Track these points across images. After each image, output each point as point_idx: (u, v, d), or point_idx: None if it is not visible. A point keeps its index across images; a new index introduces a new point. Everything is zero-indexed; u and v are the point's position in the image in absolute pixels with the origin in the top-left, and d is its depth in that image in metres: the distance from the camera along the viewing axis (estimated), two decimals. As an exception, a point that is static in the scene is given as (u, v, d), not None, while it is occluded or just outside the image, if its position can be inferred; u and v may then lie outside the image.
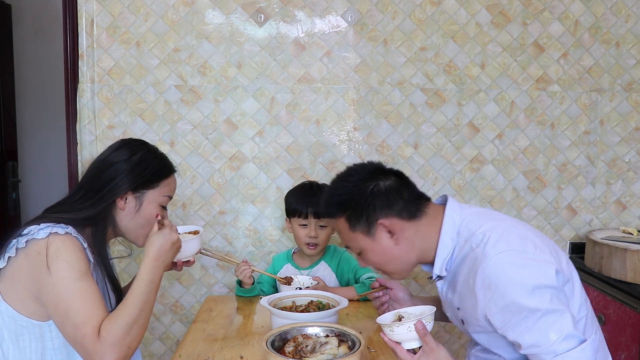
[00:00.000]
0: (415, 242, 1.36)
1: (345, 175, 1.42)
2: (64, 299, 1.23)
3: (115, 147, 1.46)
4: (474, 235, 1.30)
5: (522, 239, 1.27)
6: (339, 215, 1.39)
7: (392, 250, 1.36)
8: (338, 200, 1.39)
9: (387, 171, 1.41)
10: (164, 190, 1.47)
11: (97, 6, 2.29)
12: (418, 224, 1.36)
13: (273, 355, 1.27)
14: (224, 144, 2.37)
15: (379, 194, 1.34)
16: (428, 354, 1.24)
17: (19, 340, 1.30)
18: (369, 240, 1.36)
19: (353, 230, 1.37)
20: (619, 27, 2.41)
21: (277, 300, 1.70)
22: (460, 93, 2.40)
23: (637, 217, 2.51)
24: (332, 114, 2.38)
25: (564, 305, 1.21)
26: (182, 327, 2.44)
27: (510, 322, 1.21)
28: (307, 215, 2.02)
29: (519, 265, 1.22)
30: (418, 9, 2.35)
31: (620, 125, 2.46)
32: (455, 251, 1.34)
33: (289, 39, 2.35)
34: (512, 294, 1.19)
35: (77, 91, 2.33)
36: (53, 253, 1.24)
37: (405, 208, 1.35)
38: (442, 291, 1.43)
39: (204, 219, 2.39)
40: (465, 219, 1.35)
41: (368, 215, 1.34)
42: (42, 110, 3.65)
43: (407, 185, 1.40)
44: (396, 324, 1.26)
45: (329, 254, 2.10)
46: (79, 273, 1.25)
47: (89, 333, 1.21)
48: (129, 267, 2.39)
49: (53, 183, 3.60)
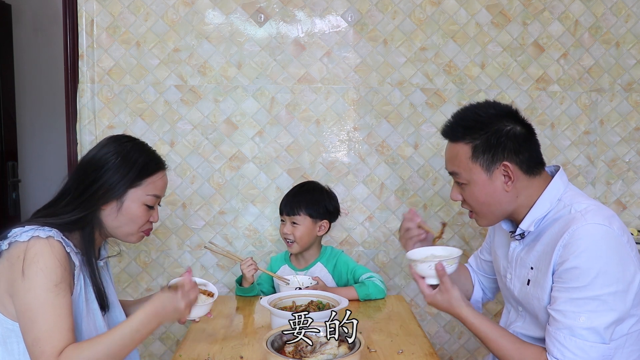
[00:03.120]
0: (521, 195, 1.37)
1: (482, 106, 1.41)
2: (32, 308, 1.20)
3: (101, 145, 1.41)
4: (578, 203, 1.32)
5: (623, 228, 1.29)
6: (464, 140, 1.37)
7: (500, 194, 1.36)
8: (468, 126, 1.38)
9: (521, 120, 1.41)
10: (149, 188, 1.41)
11: (97, 6, 2.29)
12: (530, 180, 1.37)
13: (273, 355, 1.27)
14: (224, 144, 2.37)
15: (514, 137, 1.35)
16: (443, 292, 1.38)
17: (6, 342, 1.29)
18: (485, 177, 1.36)
19: (474, 161, 1.36)
20: (619, 27, 2.41)
21: (277, 300, 1.70)
22: (460, 93, 2.40)
23: (637, 217, 2.51)
24: (332, 114, 2.38)
25: (618, 305, 1.22)
26: (182, 327, 2.44)
27: (564, 283, 1.25)
28: (282, 212, 2.08)
29: (609, 246, 1.24)
30: (418, 9, 2.35)
31: (620, 125, 2.46)
32: (550, 214, 1.36)
33: (289, 39, 2.35)
34: (585, 263, 1.22)
35: (77, 91, 2.33)
36: (30, 257, 1.22)
37: (529, 161, 1.36)
38: (515, 252, 1.45)
39: (204, 219, 2.39)
40: (570, 191, 1.38)
41: (496, 152, 1.34)
42: (42, 110, 3.65)
43: (534, 142, 1.41)
44: (420, 261, 1.40)
45: (325, 256, 2.11)
46: (52, 283, 1.21)
47: (47, 351, 1.17)
48: (129, 267, 2.39)
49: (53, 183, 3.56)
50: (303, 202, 2.06)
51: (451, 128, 1.42)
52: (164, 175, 1.47)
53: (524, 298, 1.43)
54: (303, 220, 2.05)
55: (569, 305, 1.23)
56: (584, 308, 1.21)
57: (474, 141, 1.36)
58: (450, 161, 1.43)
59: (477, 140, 1.36)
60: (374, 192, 2.42)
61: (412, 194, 2.43)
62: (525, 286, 1.41)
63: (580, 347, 1.21)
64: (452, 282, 1.38)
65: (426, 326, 2.47)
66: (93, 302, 1.39)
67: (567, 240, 1.26)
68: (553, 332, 1.26)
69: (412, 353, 1.51)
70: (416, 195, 2.43)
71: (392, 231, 2.44)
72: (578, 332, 1.21)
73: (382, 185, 2.42)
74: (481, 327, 1.37)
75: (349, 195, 2.42)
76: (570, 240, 1.25)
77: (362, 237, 2.44)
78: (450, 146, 1.43)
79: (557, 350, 1.24)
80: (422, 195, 2.43)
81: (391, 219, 2.43)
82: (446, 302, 1.39)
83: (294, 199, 2.08)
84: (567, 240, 1.26)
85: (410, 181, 2.42)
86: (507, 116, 1.38)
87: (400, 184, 2.42)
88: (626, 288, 1.23)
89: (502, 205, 1.38)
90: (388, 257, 2.45)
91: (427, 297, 1.42)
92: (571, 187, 1.40)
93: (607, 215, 1.28)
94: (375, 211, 2.43)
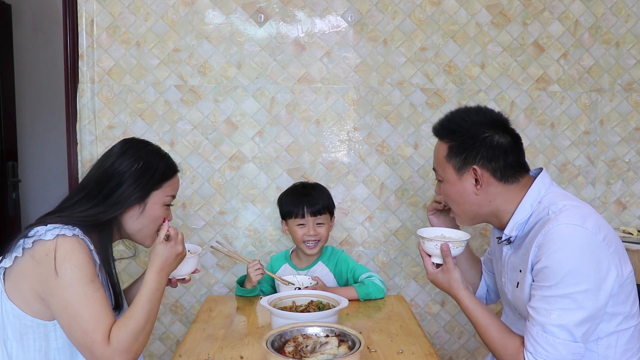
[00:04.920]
0: (495, 200, 1.41)
1: (471, 111, 1.46)
2: (72, 303, 1.24)
3: (119, 153, 1.44)
4: (554, 204, 1.34)
5: (599, 227, 1.29)
6: (444, 140, 1.45)
7: (469, 196, 1.42)
8: (451, 129, 1.45)
9: (508, 130, 1.44)
10: (168, 190, 1.48)
11: (97, 6, 2.29)
12: (506, 187, 1.41)
13: (273, 355, 1.27)
14: (224, 144, 2.37)
15: (489, 145, 1.39)
16: (444, 272, 1.45)
17: (22, 339, 1.30)
18: (455, 177, 1.43)
19: (447, 160, 1.44)
20: (619, 27, 2.41)
21: (277, 300, 1.70)
22: (460, 93, 2.40)
23: (637, 217, 2.51)
24: (332, 114, 2.38)
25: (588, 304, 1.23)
26: (182, 327, 2.44)
27: (538, 282, 1.29)
28: (304, 214, 2.03)
29: (579, 245, 1.25)
30: (418, 9, 2.35)
31: (620, 125, 2.46)
32: (532, 218, 1.38)
33: (289, 39, 2.35)
34: (556, 263, 1.24)
35: (77, 91, 2.34)
36: (61, 256, 1.25)
37: (502, 169, 1.40)
38: (507, 256, 1.47)
39: (204, 219, 2.40)
40: (551, 193, 1.40)
41: (467, 156, 1.40)
42: (42, 110, 3.65)
43: (517, 152, 1.43)
44: (427, 239, 1.47)
45: (326, 255, 2.10)
46: (87, 277, 1.26)
47: (98, 339, 1.23)
48: (129, 267, 2.39)
49: (53, 183, 3.60)
50: (322, 199, 2.05)
51: (439, 126, 1.49)
52: (178, 176, 1.55)
53: (515, 301, 1.45)
54: (325, 218, 2.05)
55: (542, 302, 1.26)
56: (555, 306, 1.24)
57: (451, 142, 1.44)
58: (434, 157, 1.52)
59: (454, 141, 1.43)
60: (374, 192, 2.42)
61: (412, 194, 2.43)
62: (515, 289, 1.43)
63: (550, 343, 1.23)
64: (454, 264, 1.44)
65: (426, 326, 2.47)
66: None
67: (540, 240, 1.29)
68: (529, 327, 1.29)
69: (412, 353, 1.51)
70: (416, 195, 2.43)
71: (392, 231, 2.44)
72: (549, 329, 1.24)
73: (382, 185, 2.42)
74: (474, 311, 1.41)
75: (349, 195, 2.42)
76: (544, 240, 1.28)
77: (362, 237, 2.44)
78: (437, 143, 1.51)
79: (530, 345, 1.27)
80: (422, 195, 2.43)
81: (391, 219, 2.43)
82: (446, 282, 1.45)
83: (313, 199, 2.03)
84: (540, 241, 1.29)
85: (410, 181, 2.42)
86: (491, 125, 1.42)
87: (400, 184, 2.42)
88: (598, 286, 1.24)
89: (472, 207, 1.44)
90: (388, 257, 2.45)
91: (430, 274, 1.49)
92: (552, 189, 1.41)
93: (581, 214, 1.29)
94: (375, 211, 2.43)
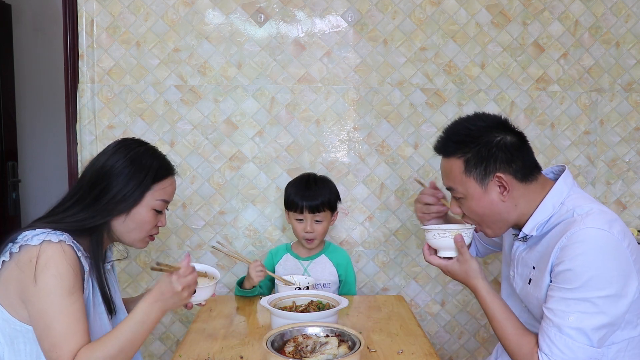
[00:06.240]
0: (519, 203, 1.37)
1: (471, 119, 1.42)
2: (47, 313, 1.21)
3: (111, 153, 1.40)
4: (581, 207, 1.31)
5: (624, 233, 1.28)
6: (456, 155, 1.38)
7: (498, 205, 1.37)
8: (459, 140, 1.38)
9: (512, 129, 1.40)
10: (158, 193, 1.41)
11: (97, 6, 2.29)
12: (527, 187, 1.37)
13: (273, 355, 1.27)
14: (224, 144, 2.37)
15: (505, 147, 1.35)
16: (462, 263, 1.42)
17: (13, 343, 1.29)
18: (480, 189, 1.37)
19: (467, 175, 1.37)
20: (619, 27, 2.41)
21: (277, 300, 1.70)
22: (460, 93, 2.40)
23: (637, 217, 2.51)
24: (332, 114, 2.38)
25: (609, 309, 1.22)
26: (182, 327, 2.44)
27: (558, 283, 1.26)
28: (303, 210, 2.03)
29: (605, 250, 1.23)
30: (418, 9, 2.35)
31: (620, 125, 2.46)
32: (552, 218, 1.35)
33: (289, 39, 2.35)
34: (579, 266, 1.22)
35: (77, 91, 2.33)
36: (42, 263, 1.22)
37: (522, 169, 1.36)
38: (517, 251, 1.46)
39: (204, 219, 2.39)
40: (574, 194, 1.37)
41: (488, 164, 1.35)
42: (42, 110, 3.65)
43: (528, 149, 1.40)
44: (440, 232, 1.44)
45: (328, 249, 2.14)
46: (65, 289, 1.22)
47: (64, 356, 1.19)
48: (129, 267, 2.39)
49: (53, 183, 3.60)
50: (323, 196, 2.03)
51: (443, 143, 1.43)
52: (174, 181, 1.48)
53: (525, 297, 1.44)
54: (325, 216, 2.05)
55: (560, 304, 1.25)
56: (574, 308, 1.22)
57: (465, 155, 1.37)
58: (446, 176, 1.45)
59: (468, 154, 1.36)
60: (374, 192, 2.42)
61: (412, 194, 2.42)
62: (526, 285, 1.42)
63: (567, 345, 1.22)
64: (470, 254, 1.42)
65: (426, 326, 2.47)
66: (100, 306, 1.39)
67: (564, 242, 1.27)
68: (544, 328, 1.28)
69: (412, 353, 1.51)
70: (416, 195, 2.43)
71: (392, 231, 2.44)
72: (566, 331, 1.23)
73: (382, 185, 2.42)
74: (492, 304, 1.39)
75: (349, 195, 2.42)
76: (568, 242, 1.26)
77: (362, 237, 2.44)
78: (444, 162, 1.44)
79: (546, 345, 1.26)
80: (422, 195, 2.43)
81: (391, 219, 2.43)
82: (463, 272, 1.42)
83: (312, 195, 2.02)
84: (564, 243, 1.27)
85: (410, 181, 2.42)
86: (497, 127, 1.38)
87: (400, 184, 2.42)
88: (620, 293, 1.23)
89: (501, 216, 1.39)
90: (388, 257, 2.45)
91: (444, 267, 1.46)
92: (575, 190, 1.39)
93: (608, 220, 1.27)
94: (375, 211, 2.43)
